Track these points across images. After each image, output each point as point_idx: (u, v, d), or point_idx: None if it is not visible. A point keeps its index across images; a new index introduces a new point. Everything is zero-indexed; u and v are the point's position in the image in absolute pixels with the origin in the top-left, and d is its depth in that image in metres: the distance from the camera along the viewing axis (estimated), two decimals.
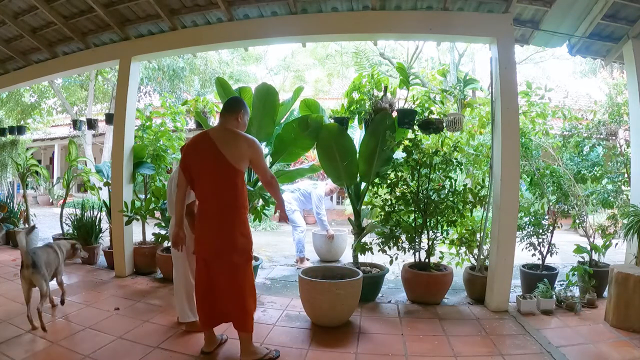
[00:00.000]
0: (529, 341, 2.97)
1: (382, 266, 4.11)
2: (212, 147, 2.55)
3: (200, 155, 2.61)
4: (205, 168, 2.58)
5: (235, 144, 2.57)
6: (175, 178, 3.10)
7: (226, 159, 2.52)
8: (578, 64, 15.42)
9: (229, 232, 2.54)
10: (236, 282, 2.58)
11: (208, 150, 2.56)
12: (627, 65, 4.12)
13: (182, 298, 3.12)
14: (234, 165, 2.54)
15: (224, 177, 2.56)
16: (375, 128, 4.02)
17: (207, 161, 2.57)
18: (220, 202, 2.56)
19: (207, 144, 2.58)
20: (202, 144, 2.62)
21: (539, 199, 4.46)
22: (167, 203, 3.30)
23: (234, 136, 2.61)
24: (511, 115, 3.66)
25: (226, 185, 2.56)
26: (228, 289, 2.59)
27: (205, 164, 2.58)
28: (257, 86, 4.29)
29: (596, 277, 3.76)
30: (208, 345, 2.77)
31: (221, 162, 2.53)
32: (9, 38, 5.27)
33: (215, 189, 2.58)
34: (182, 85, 11.98)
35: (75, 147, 5.92)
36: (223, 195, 2.57)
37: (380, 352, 2.82)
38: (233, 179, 2.56)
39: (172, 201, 3.10)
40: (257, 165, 2.64)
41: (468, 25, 3.85)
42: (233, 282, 2.58)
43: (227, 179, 2.56)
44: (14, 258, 5.41)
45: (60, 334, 2.99)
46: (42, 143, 15.17)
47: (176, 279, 3.17)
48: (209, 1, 4.13)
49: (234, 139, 2.59)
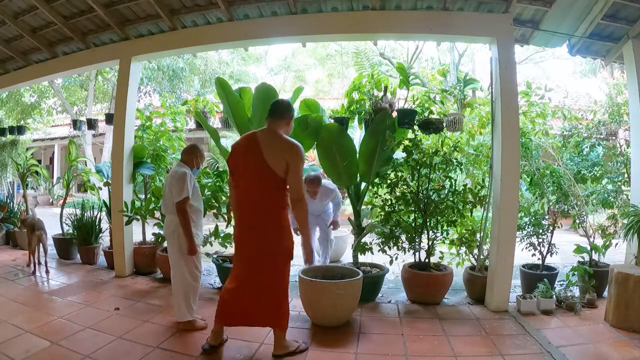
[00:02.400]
0: (529, 341, 2.97)
1: (382, 266, 4.11)
2: (257, 149, 2.57)
3: (245, 157, 2.65)
4: (249, 170, 2.62)
5: (279, 147, 2.57)
6: (171, 178, 3.13)
7: (267, 164, 2.53)
8: (578, 64, 15.43)
9: (275, 233, 2.59)
10: (276, 281, 2.65)
11: (253, 152, 2.58)
12: (627, 65, 4.12)
13: (180, 297, 3.13)
14: (274, 169, 2.53)
15: (263, 180, 2.57)
16: (375, 128, 4.02)
17: (251, 163, 2.60)
18: (264, 203, 2.59)
19: (253, 146, 2.60)
20: (248, 145, 2.64)
21: (539, 199, 4.46)
22: (163, 203, 3.31)
23: (279, 140, 2.60)
24: (511, 115, 3.66)
25: (266, 188, 2.58)
26: (267, 287, 2.64)
27: (249, 166, 2.62)
28: (257, 86, 4.29)
29: (596, 277, 3.76)
30: (214, 339, 2.79)
31: (262, 166, 2.54)
32: (9, 38, 5.27)
33: (256, 191, 2.61)
34: (182, 85, 11.99)
35: (75, 147, 5.92)
36: (263, 198, 2.59)
37: (380, 352, 2.82)
38: (273, 183, 2.56)
39: (165, 200, 3.18)
40: (293, 173, 2.54)
41: (468, 25, 3.85)
42: (273, 281, 2.64)
43: (266, 183, 2.57)
44: (14, 258, 5.42)
45: (60, 334, 2.98)
46: (42, 143, 15.17)
47: (174, 279, 3.18)
48: (209, 1, 4.13)
49: (278, 143, 2.59)
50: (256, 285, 2.65)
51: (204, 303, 3.80)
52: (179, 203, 3.04)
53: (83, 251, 5.26)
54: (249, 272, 2.67)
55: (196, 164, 3.35)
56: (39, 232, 4.63)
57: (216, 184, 4.56)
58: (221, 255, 4.46)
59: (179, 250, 3.13)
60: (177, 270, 3.16)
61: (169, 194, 3.14)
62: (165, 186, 3.30)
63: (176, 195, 3.05)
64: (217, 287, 4.34)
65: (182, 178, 3.09)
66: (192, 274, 3.17)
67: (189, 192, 3.08)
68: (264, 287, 2.64)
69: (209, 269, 4.95)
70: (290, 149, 2.55)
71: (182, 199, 3.04)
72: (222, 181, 4.62)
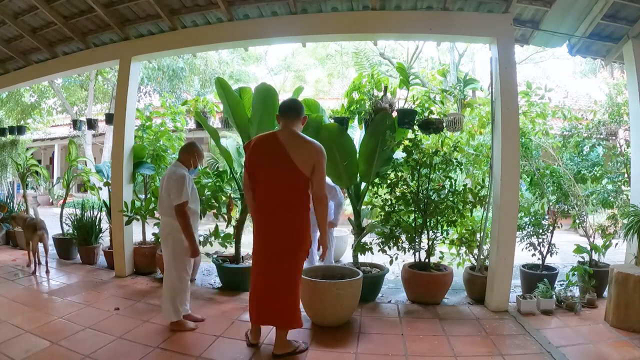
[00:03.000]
0: (529, 341, 2.97)
1: (382, 266, 4.11)
2: (282, 150, 2.61)
3: (267, 157, 2.67)
4: (273, 170, 2.65)
5: (306, 148, 2.63)
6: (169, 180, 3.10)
7: (294, 163, 2.59)
8: (578, 64, 15.42)
9: (297, 232, 2.65)
10: (294, 279, 2.72)
11: (277, 153, 2.62)
12: (627, 65, 4.12)
13: (167, 298, 3.13)
14: (301, 169, 2.59)
15: (290, 180, 2.62)
16: (375, 128, 4.02)
17: (275, 163, 2.63)
18: (287, 203, 2.64)
19: (275, 146, 2.64)
20: (270, 146, 2.67)
21: (539, 199, 4.46)
22: (159, 204, 3.27)
23: (304, 141, 2.66)
24: (511, 115, 3.66)
25: (293, 188, 2.63)
26: (284, 285, 2.69)
27: (273, 166, 2.64)
28: (257, 86, 4.29)
29: (596, 277, 3.76)
30: (255, 337, 2.89)
31: (289, 165, 2.59)
32: (9, 38, 5.27)
33: (281, 191, 2.65)
34: (182, 85, 11.98)
35: (75, 147, 5.92)
36: (289, 197, 2.64)
37: (380, 352, 2.83)
38: (299, 183, 2.62)
39: (163, 202, 3.14)
40: (317, 173, 2.61)
41: (468, 25, 3.85)
42: (290, 279, 2.70)
43: (293, 182, 2.62)
44: (14, 258, 5.42)
45: (60, 334, 2.98)
46: (42, 143, 15.17)
47: (166, 279, 3.17)
48: (209, 1, 4.13)
49: (304, 144, 2.65)
50: (275, 283, 2.69)
51: (203, 303, 3.81)
52: (179, 206, 3.00)
53: (83, 251, 5.26)
54: (271, 269, 2.71)
55: (194, 163, 3.27)
56: (41, 232, 4.65)
57: (216, 184, 4.55)
58: (221, 255, 4.46)
59: (172, 252, 3.14)
60: (167, 272, 3.17)
61: (166, 196, 3.09)
62: (161, 186, 3.23)
63: (175, 198, 3.01)
64: (217, 287, 4.34)
65: (180, 180, 3.04)
66: (180, 276, 3.17)
67: (188, 196, 3.05)
68: (283, 283, 2.69)
69: (209, 269, 4.95)
70: (318, 151, 2.63)
71: (181, 202, 3.01)
72: (222, 181, 4.62)
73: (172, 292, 3.13)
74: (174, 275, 3.14)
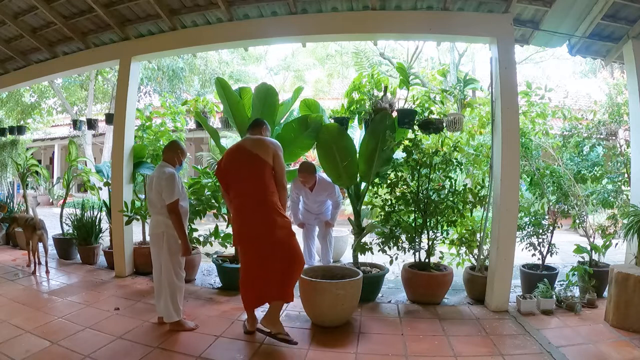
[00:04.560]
0: (529, 341, 2.97)
1: (382, 266, 4.11)
2: (246, 151, 3.09)
3: (237, 161, 3.11)
4: (243, 168, 3.07)
5: (263, 142, 3.12)
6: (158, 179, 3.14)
7: (258, 155, 3.05)
8: (578, 64, 15.39)
9: (268, 214, 2.96)
10: (283, 254, 2.92)
11: (244, 154, 3.09)
12: (627, 65, 4.12)
13: (167, 298, 3.12)
14: (264, 158, 3.04)
15: (257, 169, 3.03)
16: (375, 128, 4.02)
17: (243, 162, 3.08)
18: (256, 191, 3.00)
19: (242, 150, 3.12)
20: (237, 152, 3.14)
21: (539, 199, 4.46)
22: (149, 203, 3.32)
23: (261, 138, 3.18)
24: (511, 115, 3.66)
25: (260, 176, 3.02)
26: (277, 262, 2.89)
27: (243, 165, 3.08)
28: (257, 86, 4.29)
29: (596, 277, 3.76)
30: (252, 325, 3.08)
31: (254, 158, 3.04)
32: (9, 38, 5.27)
33: (251, 182, 3.03)
34: (182, 85, 11.98)
35: (75, 147, 5.93)
36: (258, 184, 3.01)
37: (380, 352, 2.82)
38: (265, 170, 3.03)
39: (152, 202, 3.23)
40: (278, 162, 3.08)
41: (468, 25, 3.85)
42: (280, 255, 2.91)
43: (260, 171, 3.02)
44: (14, 258, 5.42)
45: (60, 334, 2.98)
46: (42, 143, 15.17)
47: (164, 279, 3.16)
48: (209, 1, 4.13)
49: (262, 140, 3.15)
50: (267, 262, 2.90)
51: (203, 303, 3.81)
52: (172, 204, 3.08)
53: (83, 251, 5.26)
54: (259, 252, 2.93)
55: (178, 161, 3.38)
56: (40, 232, 4.67)
57: (216, 183, 4.55)
58: (221, 255, 4.46)
59: (168, 251, 3.14)
60: (165, 272, 3.16)
61: (157, 195, 3.14)
62: (150, 186, 3.26)
63: (167, 197, 3.09)
64: (217, 287, 4.34)
65: (170, 179, 3.12)
66: (178, 274, 3.19)
67: (180, 194, 3.13)
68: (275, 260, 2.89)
69: (209, 268, 4.95)
70: (274, 143, 3.14)
71: (174, 201, 3.08)
72: None
73: (173, 291, 3.13)
74: (173, 273, 3.14)
